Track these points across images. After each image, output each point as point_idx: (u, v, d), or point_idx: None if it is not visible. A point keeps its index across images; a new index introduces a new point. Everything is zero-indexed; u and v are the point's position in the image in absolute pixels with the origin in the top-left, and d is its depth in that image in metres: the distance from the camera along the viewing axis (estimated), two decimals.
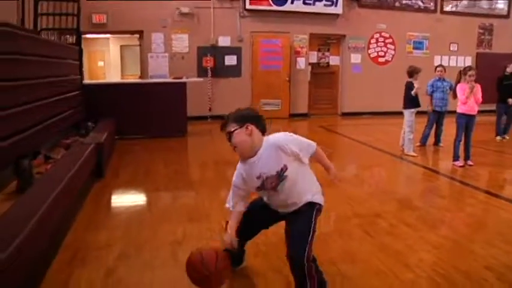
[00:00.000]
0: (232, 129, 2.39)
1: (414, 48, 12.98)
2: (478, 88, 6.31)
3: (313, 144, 2.49)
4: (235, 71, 11.19)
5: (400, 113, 7.60)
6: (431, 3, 12.95)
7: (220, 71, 10.99)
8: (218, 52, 10.92)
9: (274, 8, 10.99)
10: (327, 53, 12.49)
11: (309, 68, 12.10)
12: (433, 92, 7.73)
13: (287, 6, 11.08)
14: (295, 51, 11.67)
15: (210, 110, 10.88)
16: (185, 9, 10.45)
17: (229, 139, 2.44)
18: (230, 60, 11.09)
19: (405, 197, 5.08)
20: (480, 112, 6.58)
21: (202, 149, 7.65)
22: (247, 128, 2.37)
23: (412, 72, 7.29)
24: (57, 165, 4.34)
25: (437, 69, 7.92)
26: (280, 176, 2.39)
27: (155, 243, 3.44)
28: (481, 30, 13.77)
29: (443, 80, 7.83)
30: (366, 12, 12.17)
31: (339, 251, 3.35)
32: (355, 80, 12.46)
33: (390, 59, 12.81)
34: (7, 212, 2.76)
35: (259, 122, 2.45)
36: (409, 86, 7.24)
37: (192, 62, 10.78)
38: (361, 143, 8.42)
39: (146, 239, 3.55)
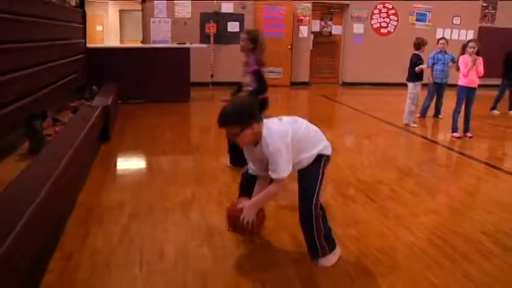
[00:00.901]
0: (238, 133, 2.40)
1: (417, 20, 12.91)
2: (480, 61, 6.37)
3: (282, 176, 2.46)
4: (237, 38, 10.98)
5: (401, 84, 7.66)
6: None
7: (222, 38, 10.95)
8: (221, 18, 10.86)
9: None
10: (329, 22, 12.44)
11: (311, 36, 12.06)
12: (433, 64, 7.78)
13: None
14: (298, 19, 11.61)
15: (212, 76, 10.89)
16: None
17: (230, 137, 2.54)
18: (233, 27, 11.03)
19: (405, 165, 5.22)
20: (481, 86, 6.67)
21: (205, 114, 7.72)
22: (252, 128, 2.39)
23: (420, 44, 7.36)
24: (67, 128, 4.42)
25: (440, 41, 7.93)
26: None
27: (166, 204, 3.57)
28: (485, 4, 13.65)
29: (445, 52, 7.88)
30: None
31: (342, 214, 3.49)
32: (357, 50, 12.44)
33: (392, 30, 12.76)
34: (25, 172, 2.86)
35: (258, 114, 2.47)
36: (415, 59, 7.30)
37: (195, 28, 10.73)
38: (361, 112, 8.51)
39: (156, 199, 3.67)
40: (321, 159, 2.63)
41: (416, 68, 7.21)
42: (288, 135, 2.45)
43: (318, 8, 11.99)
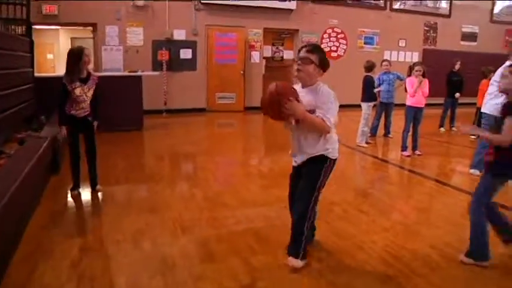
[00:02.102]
0: (311, 62, 2.77)
1: (365, 43, 13.42)
2: (425, 82, 6.68)
3: (329, 118, 2.73)
4: (190, 65, 11.18)
5: (351, 106, 7.87)
6: (381, 1, 13.41)
7: (175, 65, 10.95)
8: (173, 45, 10.87)
9: (230, 1, 11.05)
10: (281, 48, 12.71)
11: (263, 62, 12.26)
12: (379, 84, 8.07)
13: (242, 1, 11.16)
14: (249, 45, 11.79)
15: (165, 103, 10.83)
16: (140, 2, 10.30)
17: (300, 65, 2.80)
18: (185, 53, 11.07)
19: (357, 186, 5.35)
20: (428, 105, 6.98)
21: (159, 143, 7.64)
22: (316, 67, 2.79)
23: (371, 67, 7.70)
24: (12, 160, 4.27)
25: (383, 63, 8.34)
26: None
27: (118, 235, 3.48)
28: (426, 28, 14.41)
29: (389, 73, 8.21)
30: (318, 8, 12.45)
31: None
32: None
33: (342, 53, 13.18)
34: None
35: (325, 70, 2.88)
36: (369, 80, 7.58)
37: (147, 56, 10.67)
38: None
39: (108, 231, 3.59)
40: (324, 162, 2.87)
41: (376, 89, 7.58)
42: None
43: (269, 34, 12.24)
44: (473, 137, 8.70)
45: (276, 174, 5.66)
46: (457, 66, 9.49)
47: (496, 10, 15.92)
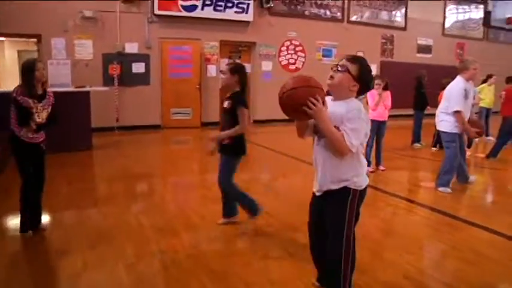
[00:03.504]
0: (349, 70, 2.35)
1: (323, 56, 13.31)
2: (387, 95, 6.52)
3: (351, 144, 2.28)
4: (143, 79, 10.66)
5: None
6: (339, 13, 13.38)
7: (127, 79, 10.41)
8: (125, 59, 10.33)
9: (184, 13, 10.66)
10: (238, 61, 12.37)
11: (220, 75, 11.88)
12: None
13: (197, 13, 10.80)
14: (205, 58, 11.41)
15: (117, 120, 10.26)
16: (88, 13, 9.74)
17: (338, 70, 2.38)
18: (138, 67, 10.55)
19: None
20: (390, 117, 6.80)
21: (109, 164, 7.09)
22: (351, 80, 2.35)
23: None
24: None
25: None
26: None
27: (49, 280, 2.99)
28: (383, 40, 14.51)
29: None
30: (276, 20, 12.25)
31: (257, 274, 3.13)
32: (266, 87, 12.43)
33: (301, 66, 13.02)
34: None
35: (365, 89, 2.44)
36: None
37: (97, 70, 10.09)
38: (276, 151, 8.36)
39: (40, 275, 3.09)
40: (348, 195, 2.44)
41: None
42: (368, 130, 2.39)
43: (226, 46, 11.91)
44: (434, 148, 8.64)
45: None
46: (424, 78, 9.34)
47: (447, 24, 16.29)
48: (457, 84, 5.35)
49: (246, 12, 11.50)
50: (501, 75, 10.12)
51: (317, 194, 2.59)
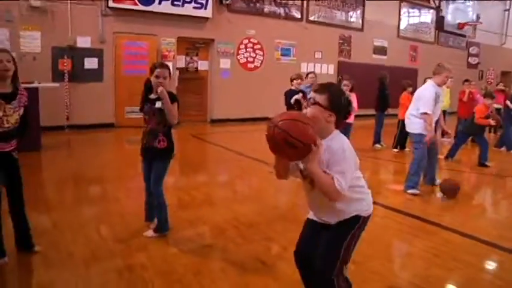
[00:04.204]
0: (321, 105, 2.14)
1: (282, 55, 13.17)
2: (353, 97, 6.45)
3: (342, 186, 2.05)
4: (96, 76, 10.08)
5: (268, 119, 7.40)
6: (298, 12, 13.27)
7: (79, 75, 9.78)
8: (77, 54, 9.71)
9: (140, 7, 10.16)
10: (195, 58, 12.01)
11: (177, 73, 11.47)
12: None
13: (154, 7, 10.33)
14: (162, 55, 10.94)
15: (67, 119, 9.64)
16: (36, 3, 9.03)
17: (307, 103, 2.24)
18: (90, 63, 9.96)
19: (291, 213, 4.79)
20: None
21: (59, 167, 6.55)
22: (330, 115, 2.14)
23: (297, 79, 7.26)
24: None
25: (309, 75, 7.90)
26: None
27: None
28: (341, 41, 14.57)
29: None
30: (235, 17, 11.98)
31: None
32: (224, 85, 12.17)
33: (259, 65, 12.81)
34: None
35: (344, 112, 2.21)
36: (291, 94, 7.16)
37: (46, 65, 9.40)
38: (236, 152, 8.09)
39: None
40: (354, 222, 2.25)
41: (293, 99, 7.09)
42: (357, 160, 2.19)
43: (183, 43, 11.50)
44: (395, 150, 8.68)
45: (200, 202, 4.98)
46: (386, 79, 9.35)
47: (402, 26, 16.61)
48: (429, 88, 5.40)
49: (205, 8, 11.15)
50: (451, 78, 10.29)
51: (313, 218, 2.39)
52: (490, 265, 3.58)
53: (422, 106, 5.32)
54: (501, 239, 3.99)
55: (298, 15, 13.32)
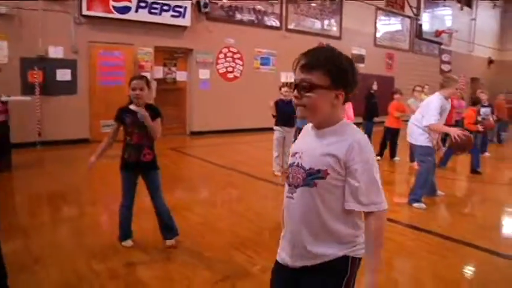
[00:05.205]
0: (320, 86, 1.52)
1: (262, 64, 12.85)
2: (349, 106, 6.16)
3: (380, 201, 1.52)
4: (69, 88, 9.44)
5: (251, 130, 7.10)
6: (277, 21, 13.00)
7: (51, 88, 9.11)
8: (48, 65, 9.05)
9: (116, 15, 9.63)
10: (173, 68, 11.52)
11: (155, 84, 10.95)
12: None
13: (131, 15, 9.82)
14: (139, 65, 10.42)
15: (39, 134, 8.97)
16: (2, 9, 8.32)
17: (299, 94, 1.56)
18: (63, 75, 9.33)
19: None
20: None
21: (30, 188, 5.91)
22: (337, 96, 1.54)
23: (285, 87, 7.03)
24: None
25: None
26: (311, 176, 1.54)
27: None
28: None
29: None
30: (214, 26, 11.57)
31: None
32: (203, 96, 11.72)
33: (239, 75, 12.43)
34: None
35: (353, 87, 1.58)
36: (282, 105, 6.92)
37: (14, 77, 8.70)
38: (222, 166, 7.66)
39: None
40: (345, 269, 1.57)
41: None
42: None
43: (161, 53, 11.01)
44: (378, 157, 8.45)
45: (198, 226, 4.54)
46: (374, 87, 9.15)
47: (378, 35, 16.63)
48: (437, 101, 5.15)
49: (183, 17, 10.72)
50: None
51: (283, 262, 1.68)
52: None
53: (428, 117, 5.08)
54: None
55: (277, 24, 13.03)
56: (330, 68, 1.51)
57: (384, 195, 1.53)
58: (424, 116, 5.14)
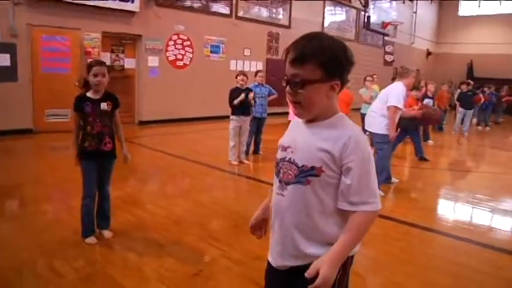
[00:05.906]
0: (312, 81, 1.43)
1: (211, 52, 12.63)
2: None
3: (374, 202, 1.45)
4: (9, 74, 8.80)
5: (199, 119, 6.99)
6: (227, 8, 12.81)
7: None
8: None
9: None
10: (121, 55, 11.07)
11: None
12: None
13: None
14: (85, 51, 9.91)
15: None
16: None
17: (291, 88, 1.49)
18: (2, 60, 8.71)
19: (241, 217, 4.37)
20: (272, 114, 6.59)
21: None
22: (332, 87, 1.45)
23: (241, 75, 6.96)
24: None
25: (259, 74, 7.60)
26: (304, 173, 1.47)
27: None
28: (269, 38, 14.35)
29: (262, 85, 7.56)
30: (163, 12, 11.20)
31: None
32: (152, 84, 11.38)
33: (188, 62, 12.16)
34: None
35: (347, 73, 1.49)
36: (236, 92, 6.82)
37: None
38: (178, 157, 7.48)
39: None
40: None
41: (236, 101, 6.73)
42: None
43: (108, 39, 10.53)
44: None
45: (165, 220, 4.39)
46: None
47: (326, 24, 16.83)
48: (398, 87, 5.32)
49: (132, 2, 10.29)
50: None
51: (275, 264, 1.62)
52: None
53: (393, 99, 5.18)
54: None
55: (227, 11, 12.84)
56: (321, 60, 1.43)
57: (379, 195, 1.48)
58: (389, 99, 5.22)
